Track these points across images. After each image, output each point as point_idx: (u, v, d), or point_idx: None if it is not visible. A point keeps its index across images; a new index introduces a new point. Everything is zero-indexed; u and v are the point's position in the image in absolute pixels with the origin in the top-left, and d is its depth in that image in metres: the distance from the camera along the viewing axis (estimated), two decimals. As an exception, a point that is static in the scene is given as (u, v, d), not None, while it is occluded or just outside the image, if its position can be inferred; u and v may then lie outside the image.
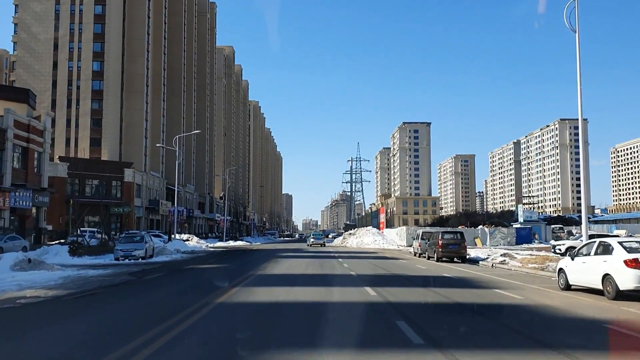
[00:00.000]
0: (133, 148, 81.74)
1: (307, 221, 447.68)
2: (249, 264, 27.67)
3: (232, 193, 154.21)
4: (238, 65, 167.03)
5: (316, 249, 50.94)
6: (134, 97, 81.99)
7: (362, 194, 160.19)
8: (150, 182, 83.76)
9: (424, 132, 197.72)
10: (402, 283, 17.48)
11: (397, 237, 58.17)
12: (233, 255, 38.75)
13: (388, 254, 39.72)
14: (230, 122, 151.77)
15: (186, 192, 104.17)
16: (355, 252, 43.89)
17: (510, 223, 76.79)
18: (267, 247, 58.41)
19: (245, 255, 39.52)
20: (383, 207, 71.90)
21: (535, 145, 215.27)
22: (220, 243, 73.48)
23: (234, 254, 40.57)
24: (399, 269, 23.68)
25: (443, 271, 22.81)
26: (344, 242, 60.48)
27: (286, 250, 46.95)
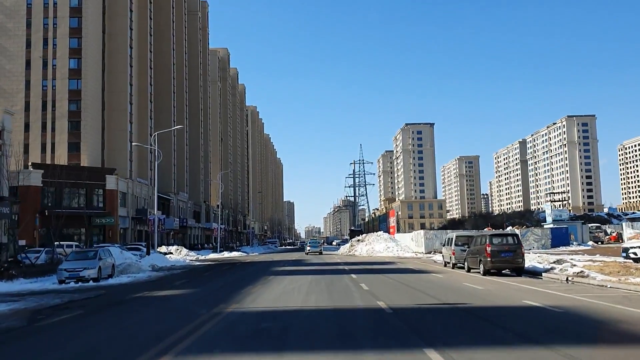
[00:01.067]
0: (117, 153, 73.88)
1: (309, 228, 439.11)
2: (228, 287, 19.61)
3: (230, 201, 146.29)
4: (234, 69, 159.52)
5: (320, 259, 42.95)
6: (117, 98, 74.24)
7: (367, 198, 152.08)
8: (137, 190, 75.91)
9: (427, 133, 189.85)
10: (488, 333, 9.23)
11: (412, 242, 50.21)
12: (216, 272, 30.68)
13: (411, 265, 31.61)
14: (227, 128, 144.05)
15: (179, 200, 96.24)
16: (368, 262, 35.83)
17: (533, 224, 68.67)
18: (264, 258, 50.39)
19: (232, 271, 31.45)
20: (393, 209, 63.70)
21: (542, 144, 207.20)
22: (214, 255, 65.51)
23: (218, 270, 32.51)
24: (448, 293, 15.60)
25: (518, 295, 14.73)
26: (352, 250, 52.45)
27: (284, 262, 38.97)
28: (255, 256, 58.57)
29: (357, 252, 50.43)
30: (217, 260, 49.81)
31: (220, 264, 40.06)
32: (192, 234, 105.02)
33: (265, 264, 38.02)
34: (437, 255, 40.48)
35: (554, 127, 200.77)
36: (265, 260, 43.96)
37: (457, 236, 27.98)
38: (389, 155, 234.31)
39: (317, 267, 30.64)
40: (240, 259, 51.13)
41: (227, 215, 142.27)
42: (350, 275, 23.56)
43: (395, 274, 24.42)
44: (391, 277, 22.07)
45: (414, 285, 18.42)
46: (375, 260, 39.33)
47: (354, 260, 39.94)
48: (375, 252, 47.74)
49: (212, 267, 35.56)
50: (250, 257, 53.45)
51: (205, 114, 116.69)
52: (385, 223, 68.91)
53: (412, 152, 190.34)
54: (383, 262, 35.28)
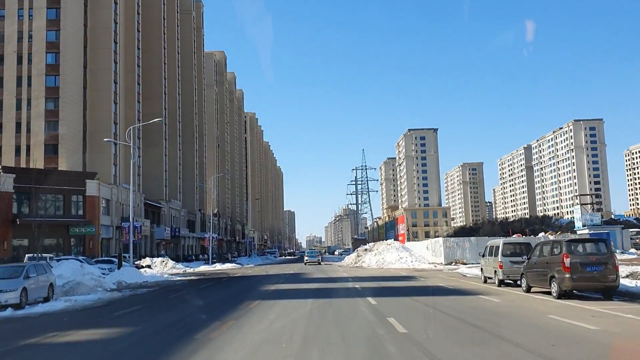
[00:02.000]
0: (100, 157, 67.10)
1: (310, 238, 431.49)
2: (180, 324, 12.68)
3: (228, 210, 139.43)
4: (231, 73, 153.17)
5: (323, 272, 36.07)
6: (100, 97, 67.60)
7: (370, 205, 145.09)
8: (122, 197, 69.06)
9: (430, 138, 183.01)
10: None
11: (427, 252, 43.35)
12: (190, 292, 23.72)
13: (439, 281, 24.62)
14: (224, 133, 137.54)
15: (171, 208, 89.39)
16: (382, 278, 28.86)
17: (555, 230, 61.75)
18: (258, 271, 43.44)
19: (211, 290, 24.54)
20: (403, 215, 56.46)
21: (548, 149, 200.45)
22: (205, 267, 58.63)
23: (195, 289, 25.55)
24: (544, 341, 8.72)
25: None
26: (359, 261, 45.42)
27: (280, 277, 32.09)
28: (249, 268, 51.59)
29: (365, 264, 43.47)
30: (205, 274, 42.88)
31: (203, 280, 33.12)
32: (185, 245, 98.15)
33: (256, 279, 31.16)
34: (462, 268, 33.55)
35: (560, 131, 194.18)
36: (259, 274, 37.01)
37: (505, 244, 21.03)
38: (391, 163, 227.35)
39: (320, 285, 23.74)
40: (232, 272, 44.19)
41: (225, 224, 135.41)
42: (367, 299, 16.66)
43: (427, 296, 17.51)
44: (426, 303, 15.19)
45: (470, 318, 11.55)
46: (389, 274, 32.35)
47: (364, 274, 32.99)
48: (387, 263, 40.83)
49: (189, 285, 28.60)
50: (243, 270, 46.52)
51: (200, 118, 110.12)
52: (394, 231, 61.99)
53: (416, 158, 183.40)
54: (401, 277, 28.33)
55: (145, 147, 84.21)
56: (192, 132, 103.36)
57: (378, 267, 40.56)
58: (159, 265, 54.06)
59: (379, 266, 40.61)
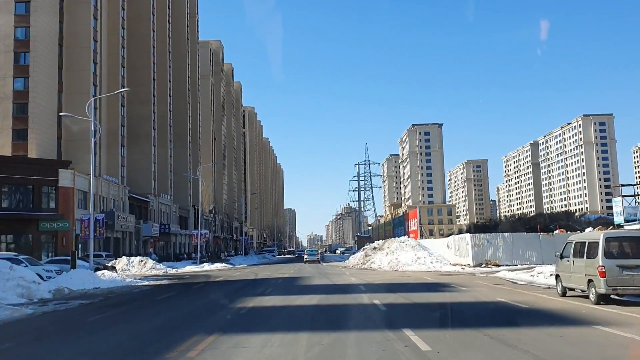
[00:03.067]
0: (77, 145, 59.75)
1: (311, 237, 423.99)
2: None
3: (225, 207, 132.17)
4: (228, 64, 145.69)
5: (324, 274, 28.63)
6: (77, 78, 60.26)
7: (373, 202, 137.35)
8: (103, 189, 61.79)
9: (435, 134, 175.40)
10: None
11: (449, 251, 36.05)
12: (132, 309, 16.29)
13: (492, 293, 17.09)
14: (221, 127, 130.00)
15: (160, 203, 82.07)
16: (404, 285, 21.48)
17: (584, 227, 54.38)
18: (247, 273, 36.06)
19: (161, 307, 16.99)
20: (416, 209, 49.18)
21: (556, 145, 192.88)
22: (191, 267, 51.34)
23: (146, 302, 18.16)
24: None
25: None
26: (368, 261, 37.87)
27: (270, 282, 24.80)
28: (239, 269, 44.21)
29: (374, 265, 36.01)
30: (184, 276, 35.58)
31: (172, 286, 25.78)
32: (177, 242, 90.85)
33: (238, 285, 23.91)
34: (503, 271, 26.16)
35: (568, 127, 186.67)
36: (245, 277, 29.56)
37: (609, 239, 13.44)
38: (393, 159, 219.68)
39: (321, 299, 16.25)
40: (217, 274, 36.84)
41: (221, 221, 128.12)
42: (404, 332, 9.29)
43: (505, 327, 10.09)
44: (518, 343, 7.81)
45: None
46: (411, 279, 24.82)
47: (377, 278, 25.57)
48: (401, 264, 33.46)
49: (146, 295, 21.12)
50: (230, 272, 39.15)
51: (194, 109, 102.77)
52: (403, 227, 54.59)
53: (420, 154, 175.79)
54: (432, 285, 20.86)
55: (131, 137, 76.89)
56: (184, 123, 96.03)
57: (391, 269, 33.19)
58: (136, 266, 46.79)
59: (393, 268, 33.23)
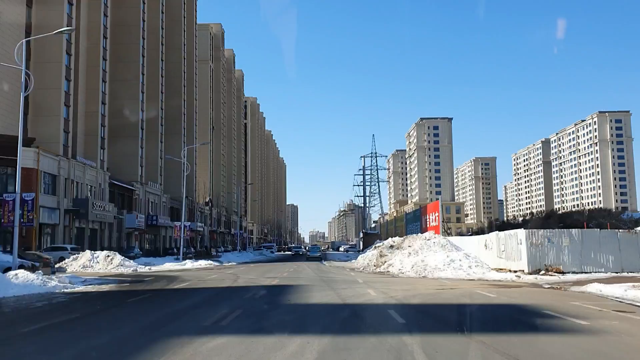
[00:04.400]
0: (46, 121, 51.44)
1: (313, 233, 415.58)
2: None
3: (223, 199, 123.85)
4: (229, 50, 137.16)
5: (327, 282, 19.93)
6: (47, 45, 51.84)
7: (379, 196, 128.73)
8: (76, 173, 53.57)
9: (444, 128, 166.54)
10: None
11: (487, 252, 27.66)
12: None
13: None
14: (220, 115, 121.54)
15: (148, 192, 73.72)
16: (460, 305, 13.06)
17: (631, 225, 45.81)
18: (227, 275, 27.59)
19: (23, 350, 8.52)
20: (437, 201, 40.86)
21: (569, 143, 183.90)
22: (171, 265, 42.98)
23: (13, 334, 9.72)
24: None
25: None
26: (384, 264, 28.91)
27: (249, 292, 16.59)
28: (222, 269, 35.72)
29: (393, 268, 27.30)
30: (147, 278, 27.19)
31: (111, 294, 17.48)
32: (167, 236, 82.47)
33: (199, 298, 15.61)
34: (594, 285, 17.65)
35: (582, 124, 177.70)
36: (218, 285, 20.88)
37: None
38: (399, 155, 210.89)
39: (325, 350, 7.70)
40: (189, 275, 28.41)
41: (218, 214, 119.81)
42: None
43: None
44: None
45: None
46: (459, 294, 16.00)
47: (407, 291, 17.01)
48: (430, 268, 24.93)
49: (36, 316, 12.68)
50: (208, 273, 30.68)
51: (189, 93, 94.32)
52: (419, 223, 45.99)
53: (428, 149, 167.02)
54: (514, 312, 12.31)
55: (115, 117, 68.59)
56: (178, 108, 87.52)
57: (417, 274, 24.66)
58: (101, 262, 38.41)
59: (419, 273, 24.69)
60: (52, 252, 42.34)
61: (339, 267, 36.62)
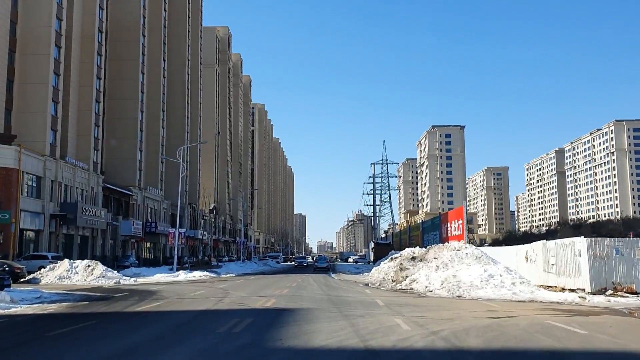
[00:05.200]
0: (31, 118, 47.02)
1: (321, 243, 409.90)
2: None
3: (229, 207, 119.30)
4: (236, 54, 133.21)
5: (341, 313, 14.60)
6: (34, 35, 47.54)
7: (390, 205, 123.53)
8: (65, 175, 49.07)
9: (457, 136, 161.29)
10: None
11: (528, 265, 22.67)
12: None
13: None
14: (226, 120, 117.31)
15: (147, 198, 69.21)
16: (555, 352, 8.14)
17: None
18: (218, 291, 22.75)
19: None
20: (462, 206, 36.05)
21: (584, 153, 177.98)
22: (161, 276, 38.23)
23: None
24: None
25: None
26: (405, 279, 23.41)
27: (229, 320, 11.79)
28: (214, 283, 30.84)
29: (418, 284, 22.01)
30: (120, 293, 22.42)
31: (35, 320, 12.60)
32: (167, 244, 77.46)
33: (168, 327, 11.10)
34: None
35: (598, 133, 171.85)
36: (195, 308, 15.80)
37: None
38: (410, 164, 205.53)
39: None
40: (172, 290, 23.60)
41: (223, 223, 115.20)
42: None
43: None
44: None
45: None
46: (529, 329, 11.26)
47: (449, 320, 12.15)
48: (465, 286, 19.78)
49: None
50: (195, 288, 25.84)
51: (194, 96, 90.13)
52: (438, 232, 40.96)
53: (440, 157, 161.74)
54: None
55: (113, 117, 64.38)
56: (181, 110, 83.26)
57: (450, 293, 19.58)
58: (81, 272, 33.69)
59: (452, 292, 19.57)
60: (31, 261, 37.85)
61: (349, 281, 31.65)
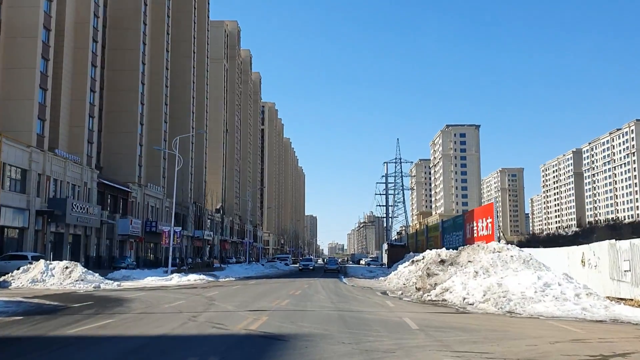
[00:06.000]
0: (15, 106, 42.88)
1: (332, 245, 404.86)
2: None
3: (237, 207, 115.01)
4: (246, 51, 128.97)
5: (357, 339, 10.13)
6: (19, 16, 43.43)
7: (404, 205, 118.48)
8: (53, 168, 44.82)
9: (472, 136, 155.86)
10: None
11: (583, 270, 18.04)
12: None
13: None
14: (234, 118, 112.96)
15: (147, 195, 64.96)
16: None
17: None
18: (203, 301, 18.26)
19: None
20: (492, 202, 31.79)
21: (603, 153, 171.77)
22: (152, 279, 33.83)
23: None
24: None
25: None
26: (435, 287, 18.47)
27: (194, 352, 7.23)
28: (209, 288, 26.39)
29: (453, 295, 17.01)
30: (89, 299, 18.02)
31: None
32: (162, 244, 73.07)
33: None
34: None
35: (618, 133, 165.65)
36: (157, 331, 11.28)
37: None
38: (422, 164, 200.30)
39: None
40: (147, 299, 19.14)
41: (231, 223, 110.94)
42: None
43: None
44: None
45: None
46: None
47: (530, 355, 7.63)
48: (515, 297, 15.18)
49: None
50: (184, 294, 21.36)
51: (200, 91, 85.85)
52: (461, 233, 36.10)
53: (454, 157, 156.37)
54: None
55: (111, 109, 60.32)
56: (186, 105, 79.02)
57: (498, 308, 14.78)
58: (57, 275, 29.29)
59: (501, 306, 14.74)
60: (9, 262, 33.66)
61: (364, 287, 26.93)
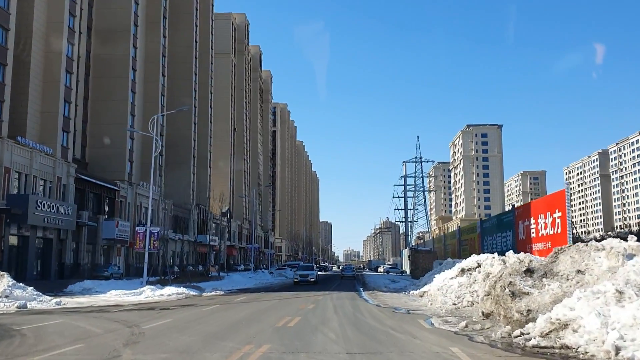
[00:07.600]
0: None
1: (348, 252, 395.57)
2: None
3: (246, 211, 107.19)
4: (255, 47, 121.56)
5: None
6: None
7: (425, 207, 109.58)
8: (14, 159, 37.15)
9: (494, 136, 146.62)
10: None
11: None
12: None
13: None
14: (243, 117, 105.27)
15: (139, 194, 57.14)
16: None
17: None
18: (145, 329, 10.23)
19: None
20: (563, 190, 24.18)
21: (632, 154, 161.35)
22: (117, 294, 25.77)
23: None
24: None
25: None
26: (539, 320, 10.53)
27: None
28: (172, 309, 18.28)
29: (580, 337, 9.25)
30: None
31: None
32: (168, 251, 65.27)
33: None
34: None
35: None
36: None
37: None
38: (441, 168, 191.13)
39: None
40: (41, 332, 11.00)
41: (240, 228, 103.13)
42: None
43: None
44: None
45: None
46: None
47: None
48: None
49: None
50: (104, 327, 13.21)
51: (203, 85, 78.32)
52: (510, 233, 27.22)
53: (475, 159, 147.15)
54: None
55: (97, 95, 52.92)
56: (187, 99, 71.29)
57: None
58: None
59: None
60: None
61: (396, 310, 18.22)
